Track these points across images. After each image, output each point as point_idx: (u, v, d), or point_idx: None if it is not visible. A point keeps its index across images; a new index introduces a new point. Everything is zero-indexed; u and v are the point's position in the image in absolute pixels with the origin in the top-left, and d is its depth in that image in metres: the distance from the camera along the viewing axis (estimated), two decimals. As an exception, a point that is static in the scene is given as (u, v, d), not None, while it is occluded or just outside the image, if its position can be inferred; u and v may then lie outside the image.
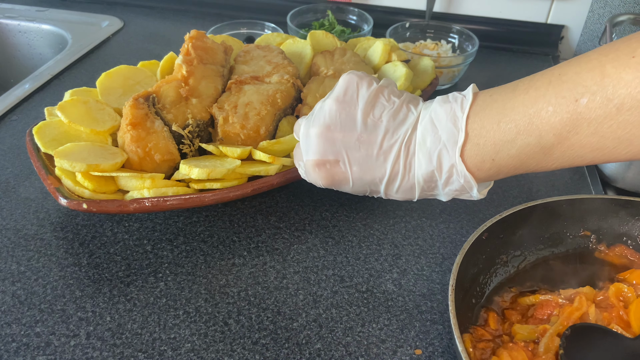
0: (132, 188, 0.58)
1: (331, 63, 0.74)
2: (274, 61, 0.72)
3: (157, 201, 0.56)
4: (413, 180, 0.48)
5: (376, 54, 0.77)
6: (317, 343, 0.50)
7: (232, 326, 0.52)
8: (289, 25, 0.94)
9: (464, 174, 0.45)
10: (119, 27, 1.08)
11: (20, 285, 0.55)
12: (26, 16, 1.08)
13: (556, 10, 1.02)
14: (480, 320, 0.52)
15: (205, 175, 0.56)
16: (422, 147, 0.46)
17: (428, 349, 0.50)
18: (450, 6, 1.06)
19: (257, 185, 0.60)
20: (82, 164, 0.56)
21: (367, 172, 0.48)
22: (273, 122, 0.65)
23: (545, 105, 0.40)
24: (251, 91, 0.66)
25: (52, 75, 0.90)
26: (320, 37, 0.82)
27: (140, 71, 0.75)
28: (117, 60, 0.97)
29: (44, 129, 0.62)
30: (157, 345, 0.50)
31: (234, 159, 0.60)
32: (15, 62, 1.11)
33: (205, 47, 0.70)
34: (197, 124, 0.63)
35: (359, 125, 0.48)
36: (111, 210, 0.55)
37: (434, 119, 0.46)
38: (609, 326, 0.47)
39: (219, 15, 1.12)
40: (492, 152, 0.44)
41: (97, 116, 0.65)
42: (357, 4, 1.06)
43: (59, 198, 0.56)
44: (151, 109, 0.62)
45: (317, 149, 0.49)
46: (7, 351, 0.49)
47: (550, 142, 0.41)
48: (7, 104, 0.82)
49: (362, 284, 0.56)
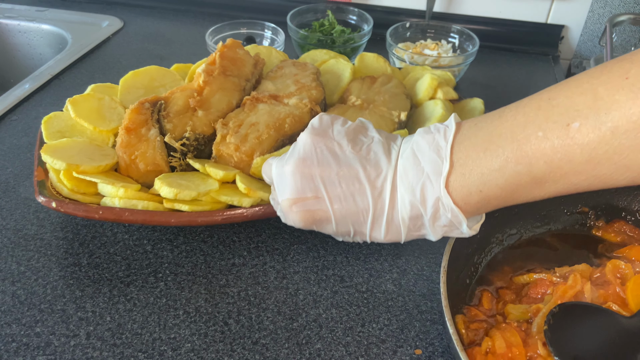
0: (107, 194, 0.56)
1: (366, 91, 0.68)
2: (302, 81, 0.67)
3: (121, 212, 0.54)
4: (398, 218, 0.45)
5: (422, 87, 0.71)
6: (317, 343, 0.50)
7: (232, 326, 0.52)
8: (289, 25, 0.94)
9: (451, 207, 0.42)
10: (119, 27, 1.08)
11: (20, 285, 0.55)
12: (26, 16, 1.08)
13: (556, 10, 1.02)
14: (474, 299, 0.51)
15: (172, 195, 0.54)
16: (404, 180, 0.43)
17: (428, 349, 0.50)
18: (450, 6, 1.06)
19: (227, 215, 0.55)
20: (62, 162, 0.55)
21: (350, 209, 0.45)
22: (272, 149, 0.60)
23: (535, 131, 0.38)
24: (263, 111, 0.62)
25: (52, 75, 0.90)
26: (370, 61, 0.76)
27: (169, 74, 0.73)
28: (117, 60, 0.97)
29: (54, 120, 0.63)
30: (157, 345, 0.50)
31: (214, 181, 0.57)
32: (15, 62, 1.11)
33: (234, 57, 0.67)
34: (195, 138, 0.60)
35: (338, 159, 0.45)
36: (77, 214, 0.54)
37: (415, 151, 0.44)
38: (605, 304, 0.46)
39: (219, 15, 1.12)
40: (479, 182, 0.41)
41: (106, 114, 0.65)
42: (357, 4, 1.06)
43: (37, 192, 0.56)
44: (154, 116, 0.60)
45: (293, 187, 0.45)
46: (7, 351, 0.49)
47: (542, 171, 0.39)
48: (7, 104, 0.82)
49: (362, 284, 0.56)
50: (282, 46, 0.93)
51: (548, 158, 0.38)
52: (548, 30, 1.04)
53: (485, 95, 0.91)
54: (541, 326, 0.44)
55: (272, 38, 0.96)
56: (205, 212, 0.55)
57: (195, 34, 1.06)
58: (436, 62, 0.87)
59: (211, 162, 0.60)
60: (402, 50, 0.88)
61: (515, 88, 0.94)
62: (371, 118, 0.63)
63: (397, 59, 0.90)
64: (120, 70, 0.94)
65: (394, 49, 0.89)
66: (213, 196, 0.56)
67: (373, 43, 1.00)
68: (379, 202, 0.44)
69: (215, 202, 0.56)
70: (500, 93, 0.92)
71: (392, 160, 0.45)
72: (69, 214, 0.55)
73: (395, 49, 0.89)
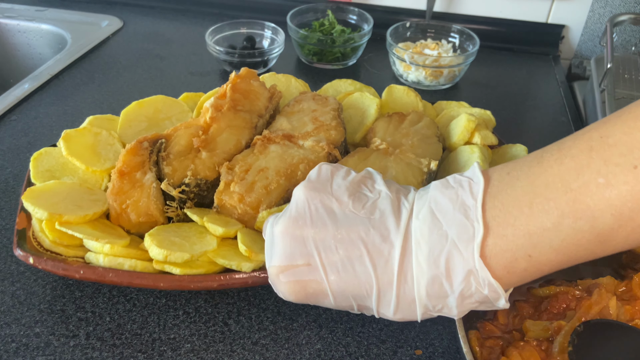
0: (92, 249, 0.50)
1: (392, 132, 0.61)
2: (321, 119, 0.60)
3: (104, 273, 0.48)
4: (412, 294, 0.37)
5: (456, 129, 0.62)
6: (317, 343, 0.50)
7: (232, 326, 0.52)
8: (289, 25, 0.94)
9: (489, 281, 0.34)
10: (119, 27, 1.08)
11: (20, 285, 0.55)
12: (26, 16, 1.08)
13: (556, 10, 1.02)
14: (489, 314, 0.46)
15: (162, 257, 0.48)
16: (422, 247, 0.36)
17: (428, 349, 0.50)
18: (451, 6, 1.06)
19: (225, 281, 0.48)
20: (44, 212, 0.50)
21: (349, 281, 0.37)
22: (281, 200, 0.53)
23: (594, 177, 0.31)
24: (275, 154, 0.55)
25: (51, 75, 0.90)
26: (399, 94, 0.68)
27: (176, 105, 0.67)
28: (117, 60, 0.97)
29: (44, 157, 0.59)
30: (157, 346, 0.49)
31: (212, 238, 0.51)
32: (14, 62, 1.11)
33: (247, 90, 0.61)
34: (197, 183, 0.54)
35: (336, 218, 0.37)
36: (56, 272, 0.49)
37: (435, 211, 0.36)
38: (633, 322, 0.42)
39: (219, 15, 1.12)
40: (527, 245, 0.33)
41: (101, 152, 0.60)
42: (357, 3, 1.06)
43: (15, 244, 0.51)
44: (152, 157, 0.55)
45: (282, 252, 0.38)
46: (7, 351, 0.48)
47: (609, 225, 0.32)
48: (7, 104, 0.82)
49: (362, 284, 0.56)
50: (282, 46, 0.93)
51: (616, 210, 0.31)
52: (548, 30, 1.04)
53: (485, 95, 0.91)
54: (564, 346, 0.40)
55: (272, 38, 0.96)
56: (199, 276, 0.49)
57: (195, 34, 1.06)
58: (436, 62, 0.87)
59: (212, 214, 0.54)
60: (402, 50, 0.88)
61: (515, 88, 0.94)
62: (396, 166, 0.56)
63: (397, 58, 0.90)
64: (120, 70, 0.94)
65: (394, 48, 0.89)
66: (210, 257, 0.50)
67: (373, 43, 1.00)
68: (386, 274, 0.36)
69: (211, 263, 0.50)
70: (500, 93, 0.92)
71: (402, 221, 0.37)
72: (47, 272, 0.49)
73: (395, 48, 0.89)
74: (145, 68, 0.95)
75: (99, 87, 0.89)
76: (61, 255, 0.51)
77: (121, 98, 0.86)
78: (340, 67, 0.97)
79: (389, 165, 0.56)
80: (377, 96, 0.70)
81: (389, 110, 0.68)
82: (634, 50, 0.98)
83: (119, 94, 0.87)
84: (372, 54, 1.02)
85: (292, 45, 0.97)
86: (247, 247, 0.49)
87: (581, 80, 0.99)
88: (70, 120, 0.80)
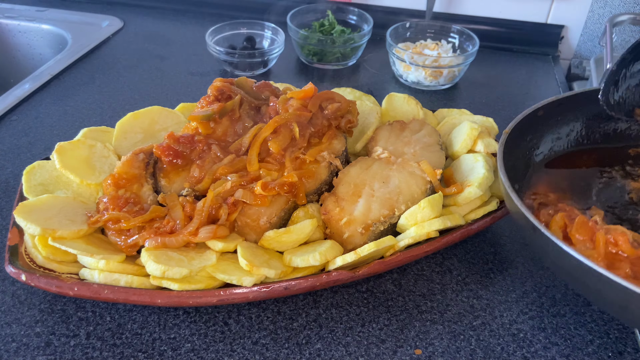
0: (86, 265, 0.49)
1: (394, 141, 0.60)
2: None
3: (100, 289, 0.47)
4: None
5: (459, 137, 0.62)
6: (317, 343, 0.50)
7: (232, 326, 0.52)
8: (289, 25, 0.94)
9: None
10: (119, 27, 1.08)
11: (20, 285, 0.55)
12: (26, 16, 1.09)
13: (556, 10, 1.02)
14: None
15: (159, 272, 0.47)
16: None
17: (428, 349, 0.50)
18: (451, 6, 1.06)
19: (225, 296, 0.47)
20: (36, 227, 0.48)
21: None
22: (281, 213, 0.53)
23: None
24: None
25: (52, 75, 0.90)
26: (399, 103, 0.67)
27: (173, 115, 0.66)
28: (117, 60, 0.97)
29: (37, 170, 0.57)
30: (157, 345, 0.50)
31: (212, 253, 0.50)
32: (15, 62, 1.11)
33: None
34: (194, 194, 0.54)
35: None
36: (49, 289, 0.48)
37: None
38: None
39: (219, 15, 1.12)
40: None
41: (96, 165, 0.58)
42: (357, 4, 1.06)
43: (7, 260, 0.49)
44: (148, 169, 0.54)
45: None
46: (7, 351, 0.49)
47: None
48: (7, 104, 0.82)
49: (362, 284, 0.56)
50: (282, 46, 0.93)
51: None
52: (548, 30, 1.04)
53: (485, 95, 0.91)
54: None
55: (272, 38, 0.96)
56: (198, 292, 0.48)
57: (195, 34, 1.06)
58: (436, 62, 0.87)
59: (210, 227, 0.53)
60: (402, 50, 0.88)
61: (515, 88, 0.94)
62: (399, 175, 0.56)
63: (397, 59, 0.90)
64: (120, 70, 0.94)
65: (394, 49, 0.89)
66: (209, 272, 0.49)
67: (373, 43, 1.00)
68: None
69: (210, 278, 0.49)
70: (500, 93, 0.92)
71: None
72: (40, 289, 0.48)
73: (395, 49, 0.89)
74: (145, 68, 0.95)
75: (100, 87, 0.89)
76: (55, 271, 0.50)
77: (121, 98, 0.86)
78: (340, 67, 0.97)
79: (391, 175, 0.56)
80: (377, 104, 0.70)
81: (389, 119, 0.67)
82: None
83: (120, 94, 0.87)
84: (372, 54, 1.02)
85: (292, 45, 0.97)
86: (248, 261, 0.48)
87: (581, 80, 1.00)
88: (70, 120, 0.80)
